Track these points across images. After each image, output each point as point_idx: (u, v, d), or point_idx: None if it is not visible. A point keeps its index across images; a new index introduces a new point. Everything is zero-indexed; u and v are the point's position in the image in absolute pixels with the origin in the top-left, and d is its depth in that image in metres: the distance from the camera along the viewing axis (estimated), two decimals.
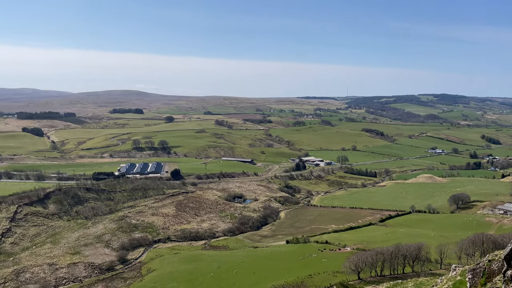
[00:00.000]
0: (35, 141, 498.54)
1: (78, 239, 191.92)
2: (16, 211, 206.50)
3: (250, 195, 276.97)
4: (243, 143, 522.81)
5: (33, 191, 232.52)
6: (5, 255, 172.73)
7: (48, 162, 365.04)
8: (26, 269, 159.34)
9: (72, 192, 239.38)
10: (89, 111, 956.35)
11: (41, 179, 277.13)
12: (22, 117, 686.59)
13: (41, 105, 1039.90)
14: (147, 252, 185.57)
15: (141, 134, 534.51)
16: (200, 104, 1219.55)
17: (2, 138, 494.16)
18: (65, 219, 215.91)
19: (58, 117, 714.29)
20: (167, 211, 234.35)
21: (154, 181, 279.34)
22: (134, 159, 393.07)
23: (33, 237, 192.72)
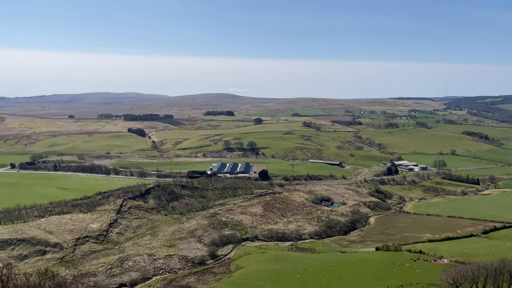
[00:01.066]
0: (138, 141, 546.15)
1: (174, 233, 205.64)
2: (122, 204, 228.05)
3: (338, 199, 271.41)
4: (331, 145, 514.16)
5: (136, 186, 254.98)
6: (112, 243, 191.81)
7: (149, 160, 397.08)
8: (129, 257, 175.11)
9: (169, 188, 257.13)
10: (185, 113, 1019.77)
11: (142, 175, 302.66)
12: (128, 118, 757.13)
13: (144, 108, 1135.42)
14: (235, 249, 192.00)
15: (232, 135, 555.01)
16: (288, 106, 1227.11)
17: (111, 138, 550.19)
18: (162, 214, 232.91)
19: (158, 119, 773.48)
20: (255, 210, 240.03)
21: (243, 181, 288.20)
22: (224, 159, 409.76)
23: (135, 228, 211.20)
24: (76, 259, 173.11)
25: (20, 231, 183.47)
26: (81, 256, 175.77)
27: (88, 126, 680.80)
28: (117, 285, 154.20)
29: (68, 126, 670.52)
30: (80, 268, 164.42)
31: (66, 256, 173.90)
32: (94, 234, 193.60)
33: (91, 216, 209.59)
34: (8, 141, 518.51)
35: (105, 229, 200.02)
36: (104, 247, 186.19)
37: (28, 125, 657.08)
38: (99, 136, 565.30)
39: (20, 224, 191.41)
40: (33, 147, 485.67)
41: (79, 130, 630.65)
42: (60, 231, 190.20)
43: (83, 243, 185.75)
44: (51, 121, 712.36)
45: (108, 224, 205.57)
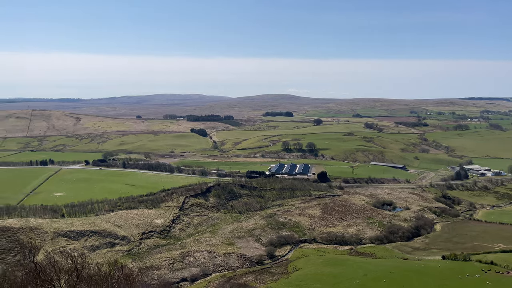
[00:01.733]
0: (200, 141, 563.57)
1: (233, 231, 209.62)
2: (184, 201, 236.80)
3: (401, 203, 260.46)
4: (394, 147, 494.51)
5: (197, 184, 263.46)
6: (174, 239, 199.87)
7: (209, 160, 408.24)
8: (190, 253, 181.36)
9: (229, 187, 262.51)
10: (245, 114, 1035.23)
11: (204, 174, 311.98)
12: (191, 119, 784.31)
13: (206, 109, 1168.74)
14: (293, 250, 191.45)
15: (290, 136, 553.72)
16: (349, 106, 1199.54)
17: (175, 137, 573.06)
18: (222, 212, 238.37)
19: (219, 120, 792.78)
20: (313, 212, 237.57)
21: (301, 182, 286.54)
22: (283, 160, 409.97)
23: (196, 225, 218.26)
24: (141, 252, 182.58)
25: (92, 223, 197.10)
26: (146, 249, 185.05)
27: (154, 126, 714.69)
28: (179, 280, 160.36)
29: (136, 126, 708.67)
30: (145, 261, 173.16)
31: (132, 249, 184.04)
32: (158, 229, 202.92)
33: (155, 212, 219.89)
34: (83, 139, 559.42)
35: (168, 225, 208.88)
36: (167, 242, 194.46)
37: (100, 125, 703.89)
38: (164, 135, 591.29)
39: (92, 217, 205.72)
40: (105, 145, 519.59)
41: (146, 130, 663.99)
42: (127, 225, 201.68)
43: (148, 237, 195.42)
44: (120, 121, 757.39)
45: (171, 220, 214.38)
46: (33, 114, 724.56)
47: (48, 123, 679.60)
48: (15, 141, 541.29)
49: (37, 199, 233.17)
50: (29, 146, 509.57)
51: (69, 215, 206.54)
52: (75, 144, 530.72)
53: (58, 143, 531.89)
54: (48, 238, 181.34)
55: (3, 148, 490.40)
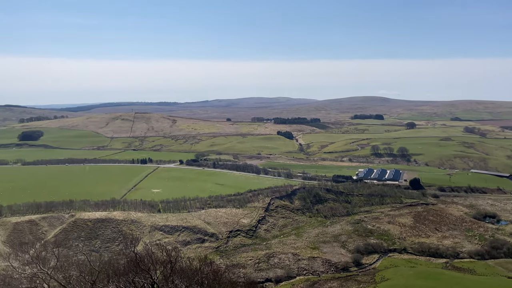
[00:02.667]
0: (286, 143, 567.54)
1: (318, 235, 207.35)
2: (270, 202, 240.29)
3: (506, 216, 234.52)
4: (500, 154, 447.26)
5: (283, 186, 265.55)
6: (260, 239, 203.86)
7: (295, 162, 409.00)
8: (275, 254, 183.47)
9: (314, 191, 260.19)
10: (332, 116, 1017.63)
11: (289, 177, 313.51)
12: (277, 122, 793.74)
13: (292, 111, 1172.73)
14: (381, 259, 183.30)
15: (380, 140, 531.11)
16: (447, 109, 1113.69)
17: (262, 139, 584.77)
18: (307, 215, 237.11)
19: (305, 122, 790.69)
20: (404, 221, 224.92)
21: (391, 189, 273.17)
22: (372, 164, 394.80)
23: (281, 227, 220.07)
24: (228, 250, 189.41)
25: (185, 219, 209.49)
26: (233, 247, 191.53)
27: (242, 128, 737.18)
28: (263, 280, 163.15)
29: (226, 128, 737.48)
30: (232, 259, 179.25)
31: (220, 246, 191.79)
32: (244, 229, 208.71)
33: (242, 212, 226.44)
34: (178, 140, 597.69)
35: (254, 225, 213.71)
36: (253, 241, 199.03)
37: (194, 127, 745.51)
38: (251, 137, 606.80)
39: (185, 213, 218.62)
40: (197, 146, 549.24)
41: (235, 132, 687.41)
42: (216, 223, 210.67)
43: (235, 236, 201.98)
44: (212, 124, 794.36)
45: (257, 220, 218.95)
46: (136, 116, 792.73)
47: (148, 124, 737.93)
48: (120, 140, 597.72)
49: (137, 194, 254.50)
50: (132, 145, 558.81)
51: (164, 211, 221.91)
52: (171, 144, 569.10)
53: (156, 143, 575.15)
54: (146, 231, 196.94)
55: (110, 147, 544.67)
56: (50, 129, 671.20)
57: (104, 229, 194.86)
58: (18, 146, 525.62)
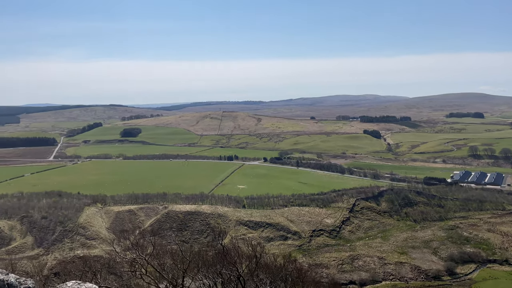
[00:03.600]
0: (373, 143, 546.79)
1: (406, 240, 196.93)
2: (354, 203, 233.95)
3: None
4: None
5: (369, 187, 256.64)
6: (343, 240, 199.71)
7: (382, 163, 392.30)
8: (359, 257, 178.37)
9: (403, 193, 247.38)
10: (424, 115, 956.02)
11: (376, 177, 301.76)
12: (364, 120, 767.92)
13: (380, 109, 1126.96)
14: (478, 270, 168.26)
15: (480, 141, 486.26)
16: None
17: (347, 138, 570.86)
18: (394, 218, 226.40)
19: (394, 121, 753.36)
20: (507, 229, 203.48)
21: (492, 194, 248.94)
22: (469, 167, 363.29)
23: (366, 229, 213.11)
24: (311, 249, 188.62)
25: (268, 216, 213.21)
26: (315, 247, 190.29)
27: (327, 127, 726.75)
28: (347, 282, 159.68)
29: (310, 127, 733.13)
30: (314, 258, 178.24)
31: (303, 244, 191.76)
32: (328, 229, 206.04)
33: (326, 211, 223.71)
34: (263, 138, 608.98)
35: (338, 226, 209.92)
36: (336, 242, 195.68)
37: (277, 125, 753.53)
38: (336, 136, 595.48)
39: (268, 210, 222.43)
40: (281, 144, 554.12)
41: (319, 131, 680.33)
42: (299, 221, 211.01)
43: (318, 235, 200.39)
44: (295, 122, 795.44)
45: (341, 221, 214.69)
46: (223, 115, 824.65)
47: (235, 123, 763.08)
48: (209, 138, 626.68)
49: (223, 189, 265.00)
50: (219, 143, 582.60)
51: (249, 206, 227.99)
52: (256, 142, 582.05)
53: (242, 141, 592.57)
54: (231, 225, 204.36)
55: (200, 144, 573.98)
56: (147, 126, 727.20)
57: (193, 221, 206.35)
58: (120, 142, 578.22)
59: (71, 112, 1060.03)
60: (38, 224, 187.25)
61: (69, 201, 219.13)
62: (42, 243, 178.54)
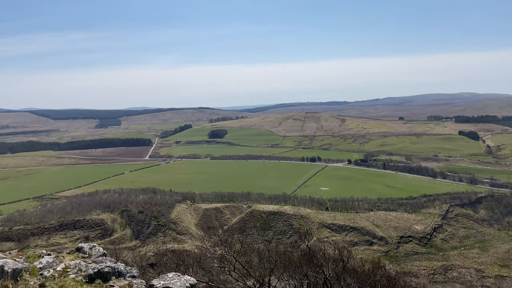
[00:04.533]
0: (470, 145, 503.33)
1: (508, 251, 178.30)
2: (448, 210, 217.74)
3: None
4: None
5: (464, 193, 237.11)
6: (435, 248, 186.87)
7: (481, 167, 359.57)
8: (453, 267, 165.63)
9: (505, 200, 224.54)
10: None
11: (473, 182, 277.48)
12: (459, 120, 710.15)
13: (478, 108, 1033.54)
14: None
15: None
16: None
17: (439, 140, 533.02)
18: (495, 228, 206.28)
19: (494, 121, 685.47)
20: None
21: None
22: None
23: (461, 238, 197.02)
24: (399, 256, 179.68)
25: (352, 220, 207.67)
26: (403, 254, 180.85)
27: (416, 127, 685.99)
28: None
29: (398, 127, 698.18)
30: (402, 266, 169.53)
31: (390, 251, 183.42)
32: (417, 236, 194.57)
33: (415, 217, 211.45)
34: (347, 139, 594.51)
35: (428, 233, 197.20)
36: (427, 250, 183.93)
37: (363, 126, 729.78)
38: (427, 138, 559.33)
39: (352, 213, 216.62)
40: (366, 146, 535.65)
41: (408, 132, 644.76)
42: (385, 226, 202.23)
43: (407, 242, 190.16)
44: (382, 123, 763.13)
45: (432, 228, 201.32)
46: (306, 116, 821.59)
47: (317, 124, 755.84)
48: (291, 139, 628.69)
49: (306, 191, 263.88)
50: (302, 144, 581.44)
51: (332, 209, 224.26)
52: (339, 143, 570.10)
53: (325, 142, 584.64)
54: (314, 227, 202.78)
55: (283, 145, 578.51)
56: (232, 128, 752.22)
57: (276, 221, 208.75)
58: (208, 142, 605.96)
59: (164, 114, 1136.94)
60: (135, 218, 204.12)
61: (162, 197, 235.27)
62: (138, 235, 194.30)
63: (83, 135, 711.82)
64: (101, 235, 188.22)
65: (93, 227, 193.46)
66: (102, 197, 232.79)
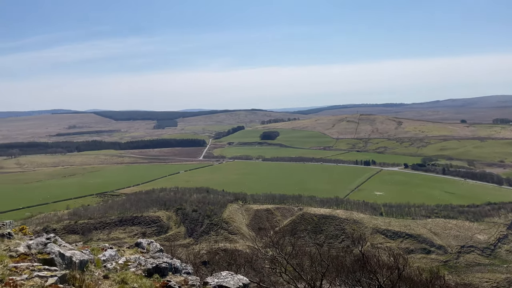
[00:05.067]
0: None
1: None
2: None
3: None
4: None
5: None
6: (499, 260, 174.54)
7: None
8: None
9: None
10: None
11: None
12: None
13: None
14: None
15: None
16: None
17: (506, 145, 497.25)
18: None
19: None
20: None
21: None
22: None
23: None
24: (459, 266, 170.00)
25: (408, 226, 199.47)
26: (464, 265, 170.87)
27: (480, 131, 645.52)
28: None
29: (459, 131, 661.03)
30: (462, 277, 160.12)
31: (449, 260, 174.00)
32: (480, 246, 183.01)
33: (477, 226, 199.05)
34: (403, 143, 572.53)
35: (492, 243, 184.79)
36: (490, 262, 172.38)
37: (421, 129, 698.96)
38: (492, 142, 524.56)
39: (408, 220, 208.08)
40: (424, 150, 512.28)
41: (471, 135, 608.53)
42: (444, 234, 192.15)
43: (468, 252, 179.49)
44: (442, 126, 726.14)
45: (497, 238, 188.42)
46: (360, 118, 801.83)
47: (372, 126, 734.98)
48: (345, 142, 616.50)
49: (359, 195, 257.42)
50: (355, 147, 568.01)
51: (387, 215, 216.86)
52: (395, 147, 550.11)
53: (380, 146, 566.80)
54: (367, 232, 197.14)
55: (336, 147, 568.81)
56: (284, 130, 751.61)
57: (328, 225, 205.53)
58: (260, 144, 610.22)
59: (218, 116, 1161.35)
60: (189, 216, 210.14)
61: (214, 197, 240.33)
62: (192, 233, 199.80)
63: (142, 136, 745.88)
64: (157, 231, 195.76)
65: (150, 223, 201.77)
66: (158, 195, 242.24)
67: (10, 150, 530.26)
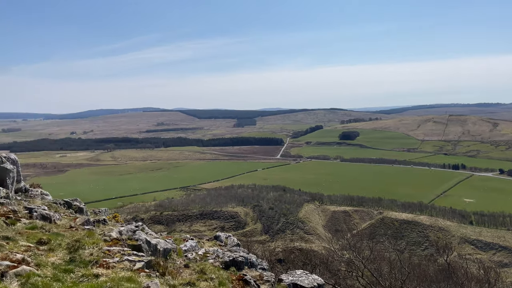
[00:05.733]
0: None
1: None
2: None
3: None
4: None
5: None
6: None
7: None
8: None
9: None
10: None
11: None
12: None
13: None
14: None
15: None
16: None
17: None
18: None
19: None
20: None
21: None
22: None
23: None
24: None
25: (502, 237, 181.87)
26: None
27: None
28: None
29: None
30: None
31: None
32: None
33: None
34: (499, 146, 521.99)
35: None
36: None
37: None
38: None
39: (503, 231, 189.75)
40: None
41: None
42: None
43: None
44: None
45: None
46: (449, 119, 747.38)
47: (463, 128, 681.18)
48: (431, 144, 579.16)
49: (446, 201, 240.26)
50: (443, 149, 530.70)
51: (477, 224, 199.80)
52: (490, 150, 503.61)
53: (471, 149, 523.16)
54: (454, 241, 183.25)
55: (421, 150, 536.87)
56: (365, 130, 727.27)
57: (410, 231, 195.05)
58: (338, 144, 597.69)
59: (296, 115, 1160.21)
60: (266, 213, 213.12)
61: (291, 196, 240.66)
62: (268, 230, 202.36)
63: (223, 133, 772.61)
64: (234, 226, 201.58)
65: (228, 218, 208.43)
66: (237, 191, 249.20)
67: (106, 145, 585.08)
